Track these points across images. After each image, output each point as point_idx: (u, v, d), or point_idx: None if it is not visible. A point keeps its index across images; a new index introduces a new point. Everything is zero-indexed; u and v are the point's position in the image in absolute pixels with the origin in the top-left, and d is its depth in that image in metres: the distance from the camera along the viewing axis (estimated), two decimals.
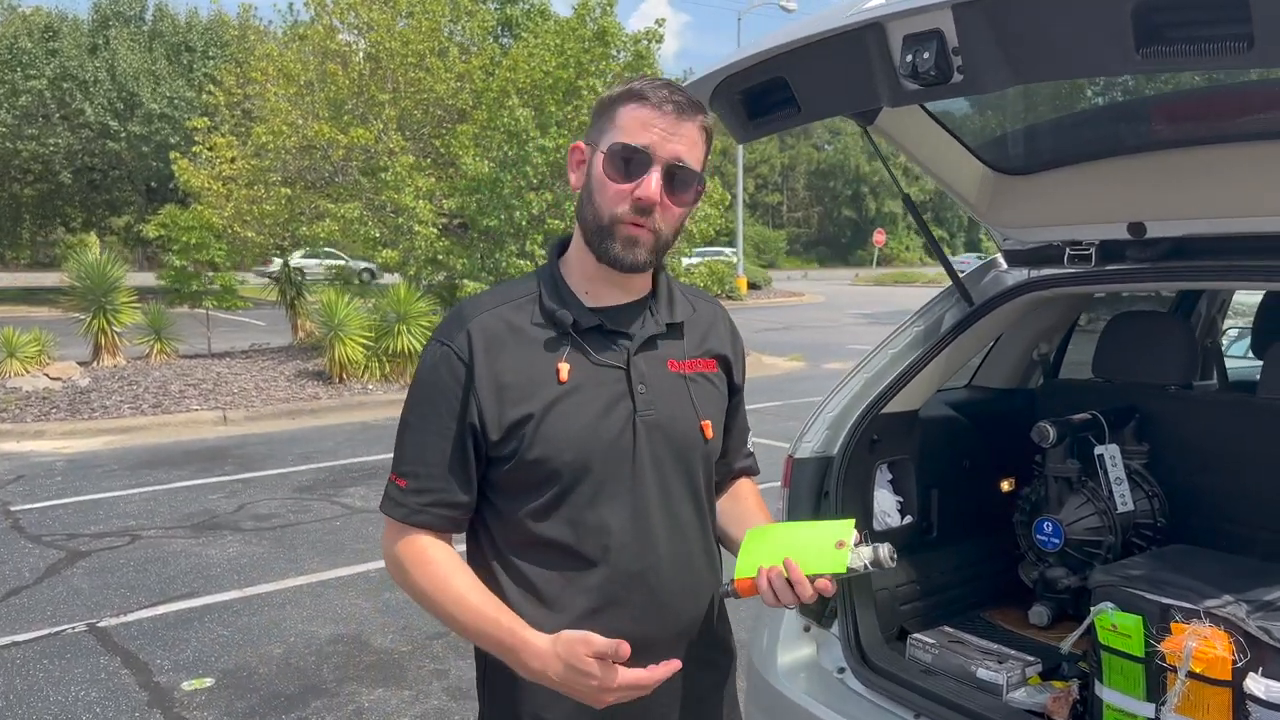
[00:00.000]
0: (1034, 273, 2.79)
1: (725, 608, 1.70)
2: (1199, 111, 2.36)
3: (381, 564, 5.83)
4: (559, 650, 1.40)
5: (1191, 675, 1.96)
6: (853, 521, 1.50)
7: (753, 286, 33.16)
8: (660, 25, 14.51)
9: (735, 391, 1.72)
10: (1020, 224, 2.74)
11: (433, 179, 13.69)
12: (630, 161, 1.46)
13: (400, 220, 13.29)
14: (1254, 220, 2.33)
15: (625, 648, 1.38)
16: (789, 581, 1.46)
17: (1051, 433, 2.65)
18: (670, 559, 1.56)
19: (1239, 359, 4.29)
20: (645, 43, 14.26)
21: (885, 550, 1.43)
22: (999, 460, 3.10)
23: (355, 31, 14.51)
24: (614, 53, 14.28)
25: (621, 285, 1.57)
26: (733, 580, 1.54)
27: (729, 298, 29.30)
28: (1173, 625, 2.02)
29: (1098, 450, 2.74)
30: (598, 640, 1.38)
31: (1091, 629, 2.16)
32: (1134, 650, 2.08)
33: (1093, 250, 2.63)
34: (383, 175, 13.18)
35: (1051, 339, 3.29)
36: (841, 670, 2.50)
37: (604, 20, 14.17)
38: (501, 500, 1.54)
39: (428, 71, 14.01)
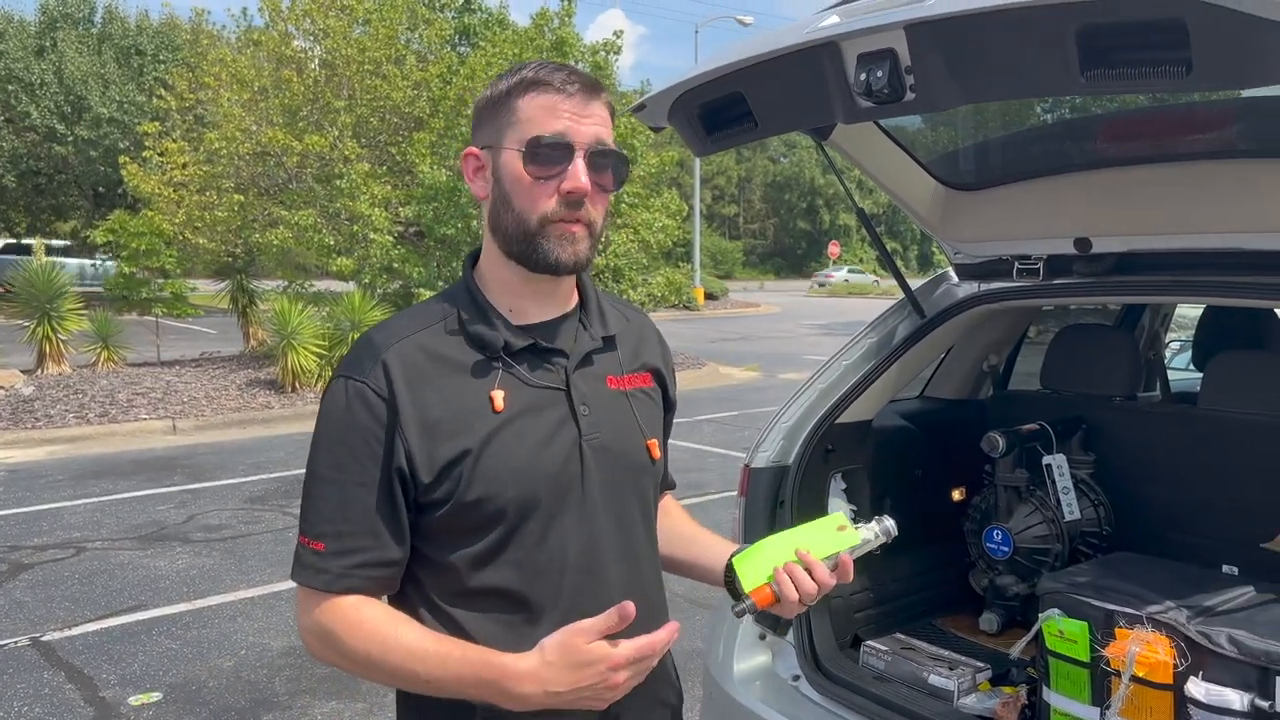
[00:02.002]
0: (984, 286, 2.85)
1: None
2: (1144, 130, 2.43)
3: None
4: (551, 658, 1.25)
5: (1135, 679, 2.01)
6: (841, 514, 1.50)
7: (709, 297, 33.34)
8: (618, 37, 14.58)
9: (671, 408, 1.61)
10: (971, 238, 2.80)
11: (389, 187, 13.60)
12: (551, 154, 1.31)
13: (355, 228, 13.18)
14: (1195, 237, 2.41)
15: (630, 607, 1.24)
16: (808, 571, 1.39)
17: (1001, 443, 2.70)
18: (623, 595, 1.35)
19: (1180, 371, 4.41)
20: (604, 54, 14.31)
21: (889, 521, 1.42)
22: (950, 470, 3.15)
23: (311, 38, 14.38)
24: (572, 63, 14.29)
25: (549, 298, 1.42)
26: (746, 595, 1.43)
27: (686, 308, 29.42)
28: (1117, 631, 2.07)
29: (1045, 460, 2.80)
30: (592, 622, 1.24)
31: (1039, 635, 2.21)
32: (1080, 655, 2.14)
33: (1040, 265, 2.70)
34: (338, 183, 13.07)
35: (1001, 351, 3.36)
36: (796, 678, 2.53)
37: (562, 30, 14.22)
38: (433, 548, 1.36)
39: (384, 79, 13.93)
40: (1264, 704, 1.87)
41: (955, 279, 2.96)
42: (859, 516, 2.83)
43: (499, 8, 19.86)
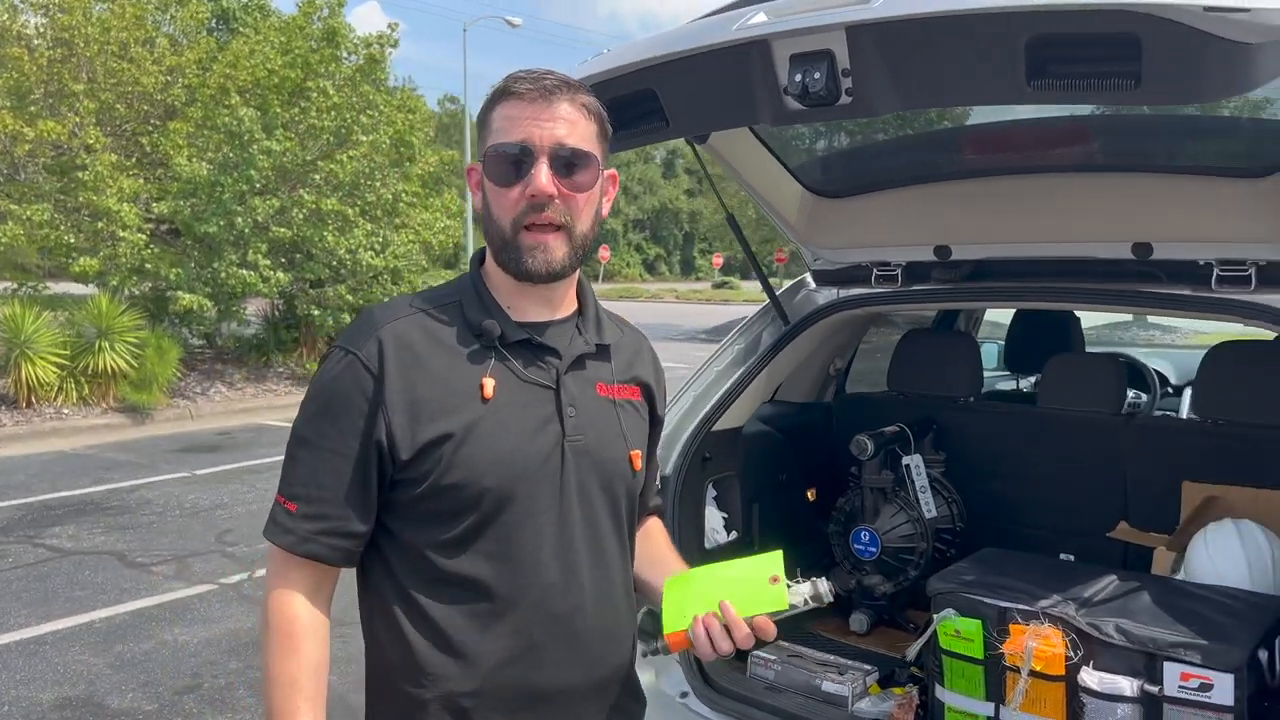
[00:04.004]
0: (843, 292, 2.91)
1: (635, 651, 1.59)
2: (1004, 144, 2.54)
3: (108, 612, 5.22)
4: None
5: (1032, 673, 2.08)
6: (780, 553, 1.45)
7: None
8: (394, 30, 14.05)
9: (657, 424, 1.63)
10: (835, 245, 2.84)
11: (140, 180, 12.42)
12: (512, 161, 1.35)
13: (101, 225, 11.94)
14: (1048, 245, 2.54)
15: None
16: (726, 627, 1.38)
17: (870, 445, 2.76)
18: (594, 599, 1.44)
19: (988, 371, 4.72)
20: (378, 46, 13.74)
21: (824, 585, 1.39)
22: (804, 472, 3.20)
23: (42, 12, 12.91)
24: (344, 55, 13.66)
25: (546, 301, 1.45)
26: (662, 636, 1.43)
27: None
28: (1011, 627, 2.14)
29: (905, 460, 2.88)
30: None
31: (934, 635, 2.25)
32: (975, 653, 2.19)
33: (899, 271, 2.78)
34: (80, 175, 11.80)
35: (845, 355, 3.44)
36: (684, 694, 2.46)
37: (333, 20, 13.51)
38: (407, 530, 1.38)
39: (131, 62, 12.71)
40: (1153, 689, 1.98)
41: (813, 285, 3.00)
42: (732, 525, 2.81)
43: None
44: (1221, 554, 2.32)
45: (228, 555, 6.28)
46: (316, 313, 12.89)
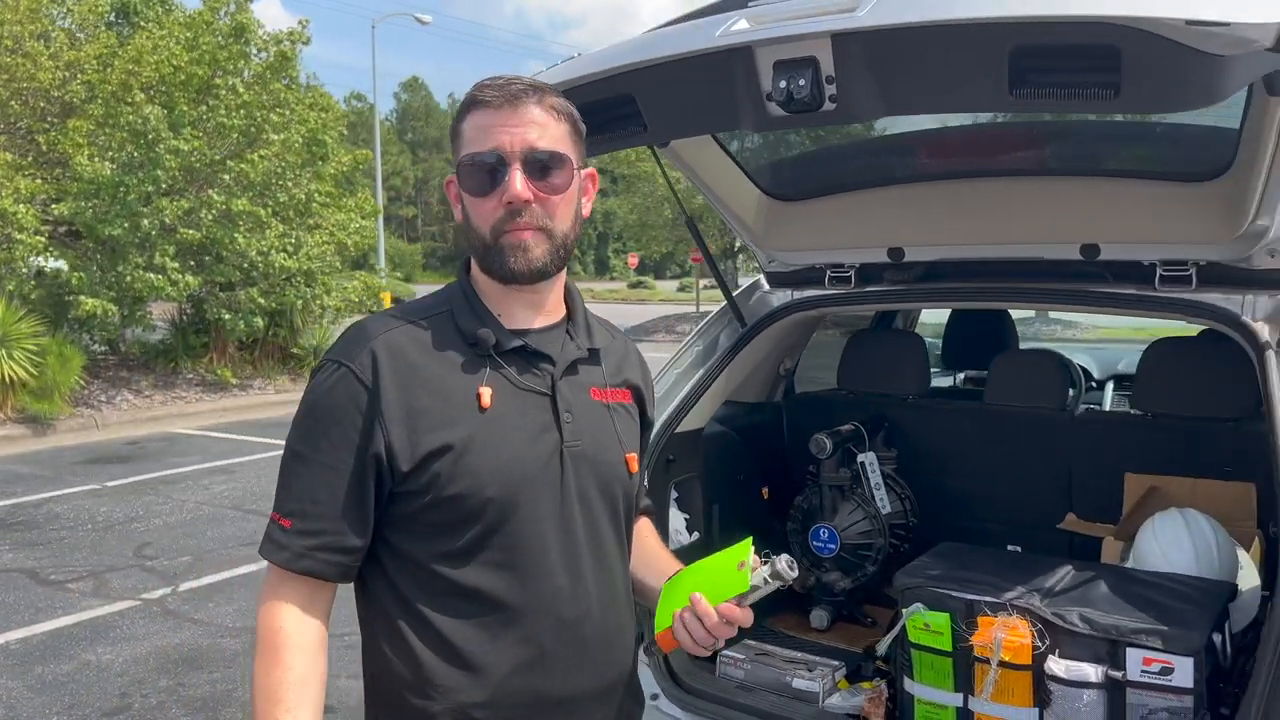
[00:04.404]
0: (797, 293, 2.95)
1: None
2: (958, 148, 2.61)
3: (23, 633, 4.98)
4: None
5: (1001, 663, 2.14)
6: (749, 541, 1.46)
7: (396, 302, 32.35)
8: (305, 26, 13.71)
9: (647, 426, 1.64)
10: (790, 247, 2.87)
11: (37, 181, 11.88)
12: (487, 170, 1.36)
13: None
14: (999, 247, 2.62)
15: None
16: (698, 617, 1.40)
17: (828, 444, 2.80)
18: (600, 604, 1.45)
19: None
20: (289, 43, 13.39)
21: (783, 562, 1.38)
22: (760, 471, 3.23)
23: None
24: (253, 51, 13.28)
25: (536, 308, 1.46)
26: (653, 636, 1.47)
27: (371, 313, 28.29)
28: (980, 619, 2.20)
29: (860, 458, 2.94)
30: None
31: (903, 629, 2.30)
32: (944, 645, 2.25)
33: (853, 272, 2.83)
34: None
35: (795, 355, 3.49)
36: (655, 696, 2.46)
37: (240, 16, 13.11)
38: (409, 543, 1.37)
39: (26, 56, 12.16)
40: (1116, 674, 2.06)
41: (766, 287, 3.04)
42: (694, 526, 2.83)
43: None
44: (1169, 542, 2.42)
45: (148, 570, 6.06)
46: (227, 316, 12.52)
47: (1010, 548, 2.92)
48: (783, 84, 1.71)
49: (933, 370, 4.37)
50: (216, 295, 12.71)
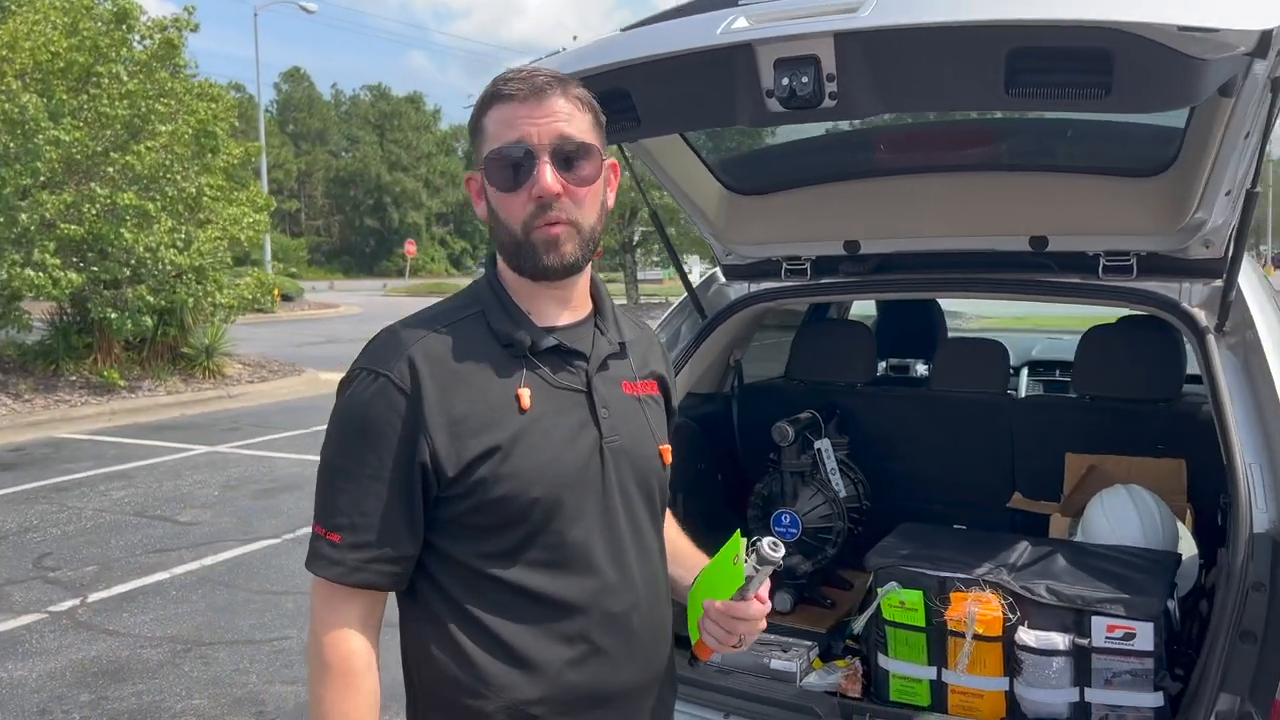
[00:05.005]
0: (754, 286, 3.01)
1: None
2: (914, 144, 2.71)
3: None
4: None
5: (975, 636, 2.25)
6: (737, 534, 1.50)
7: (285, 298, 31.30)
8: (190, 12, 13.20)
9: (671, 416, 1.66)
10: (749, 240, 2.93)
11: None
12: (514, 165, 1.35)
13: None
14: (951, 239, 2.73)
15: None
16: (714, 622, 1.46)
17: (790, 432, 2.87)
18: (646, 596, 1.47)
19: None
20: (175, 30, 12.88)
21: (766, 545, 1.40)
22: (716, 461, 3.29)
23: None
24: (136, 39, 12.73)
25: (564, 304, 1.46)
26: (692, 650, 1.54)
27: (260, 310, 27.37)
28: (952, 595, 2.30)
29: (817, 445, 3.02)
30: None
31: (878, 607, 2.38)
32: (917, 621, 2.34)
33: (809, 265, 2.91)
34: None
35: (744, 346, 3.56)
36: None
37: (122, 0, 12.55)
38: (456, 546, 1.38)
39: None
40: (1083, 641, 2.19)
41: (723, 279, 3.10)
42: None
43: None
44: (1117, 516, 2.57)
45: (51, 581, 5.78)
46: (113, 315, 11.98)
47: (956, 526, 3.05)
48: (785, 81, 1.76)
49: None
50: (101, 293, 12.14)
